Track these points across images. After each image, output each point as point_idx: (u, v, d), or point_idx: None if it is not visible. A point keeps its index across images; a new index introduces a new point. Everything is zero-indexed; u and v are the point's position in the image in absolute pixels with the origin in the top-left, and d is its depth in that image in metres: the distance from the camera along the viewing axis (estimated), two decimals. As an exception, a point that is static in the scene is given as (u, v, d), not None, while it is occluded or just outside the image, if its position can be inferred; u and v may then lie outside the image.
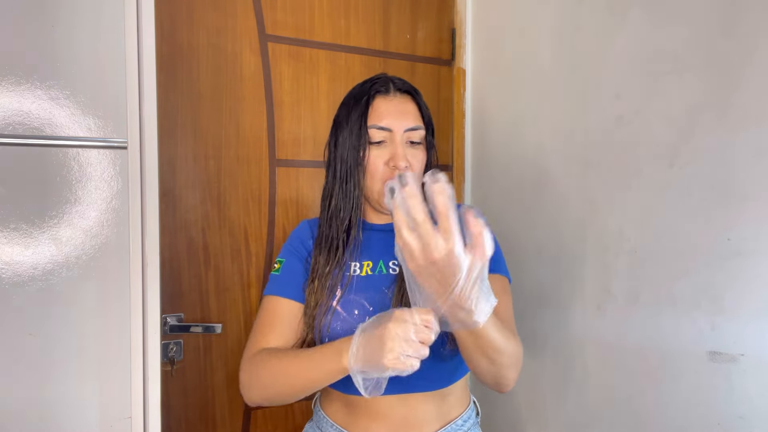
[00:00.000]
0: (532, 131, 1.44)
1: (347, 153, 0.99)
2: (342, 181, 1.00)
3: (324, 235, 1.03)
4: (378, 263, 1.02)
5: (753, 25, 0.96)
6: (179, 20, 1.36)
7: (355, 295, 0.98)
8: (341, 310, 0.97)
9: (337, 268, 1.00)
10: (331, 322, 0.96)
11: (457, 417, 1.02)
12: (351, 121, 0.99)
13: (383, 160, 0.98)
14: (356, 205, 1.01)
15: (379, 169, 0.98)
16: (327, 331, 0.96)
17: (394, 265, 1.02)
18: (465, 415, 1.03)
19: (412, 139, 0.99)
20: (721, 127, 1.01)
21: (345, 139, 1.00)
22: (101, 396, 1.02)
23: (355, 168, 0.99)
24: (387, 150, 0.98)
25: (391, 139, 0.98)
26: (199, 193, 1.39)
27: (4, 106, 0.96)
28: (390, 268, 1.02)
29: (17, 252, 0.97)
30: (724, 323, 1.02)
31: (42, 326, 0.98)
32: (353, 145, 0.99)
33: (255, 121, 1.45)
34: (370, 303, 0.97)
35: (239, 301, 1.44)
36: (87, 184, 1.01)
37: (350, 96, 1.03)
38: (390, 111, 0.99)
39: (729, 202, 1.00)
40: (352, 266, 1.02)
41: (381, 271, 1.02)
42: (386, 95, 1.01)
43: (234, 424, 1.45)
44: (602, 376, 1.25)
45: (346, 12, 1.56)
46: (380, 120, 0.98)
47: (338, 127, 1.02)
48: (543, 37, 1.40)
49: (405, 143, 0.99)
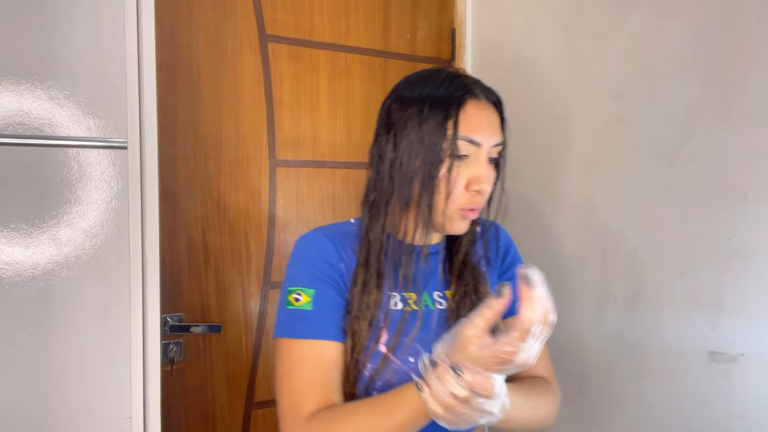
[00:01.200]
0: (532, 131, 1.44)
1: (419, 165, 0.79)
2: (405, 197, 0.82)
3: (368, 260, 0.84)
4: (423, 296, 0.87)
5: (753, 25, 0.96)
6: (179, 20, 1.36)
7: (404, 337, 0.83)
8: (394, 357, 0.81)
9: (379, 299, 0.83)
10: (382, 371, 0.81)
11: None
12: (429, 126, 0.78)
13: (465, 180, 0.80)
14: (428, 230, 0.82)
15: (458, 190, 0.80)
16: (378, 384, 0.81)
17: (440, 298, 0.88)
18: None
19: (493, 157, 0.82)
20: (721, 127, 1.01)
21: (415, 146, 0.79)
22: (101, 396, 1.02)
23: (430, 184, 0.80)
24: (470, 168, 0.80)
25: (476, 156, 0.80)
26: (199, 193, 1.39)
27: (4, 106, 0.96)
28: (436, 301, 0.88)
29: (17, 252, 0.97)
30: (724, 323, 1.01)
31: (42, 326, 0.98)
32: (429, 157, 0.79)
33: (255, 121, 1.45)
34: (426, 347, 0.81)
35: (239, 301, 1.44)
36: (87, 184, 1.01)
37: (425, 94, 0.81)
38: (482, 122, 0.80)
39: (729, 202, 1.00)
40: (391, 298, 0.84)
41: (428, 306, 0.87)
42: (478, 101, 0.81)
43: (234, 424, 1.45)
44: (602, 376, 1.25)
45: (346, 12, 1.56)
46: (472, 131, 0.79)
47: (401, 128, 0.81)
48: (543, 37, 1.40)
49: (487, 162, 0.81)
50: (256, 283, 1.46)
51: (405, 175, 0.80)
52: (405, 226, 0.85)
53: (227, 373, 1.43)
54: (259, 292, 1.47)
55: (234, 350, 1.44)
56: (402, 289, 0.85)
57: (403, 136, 0.80)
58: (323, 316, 0.81)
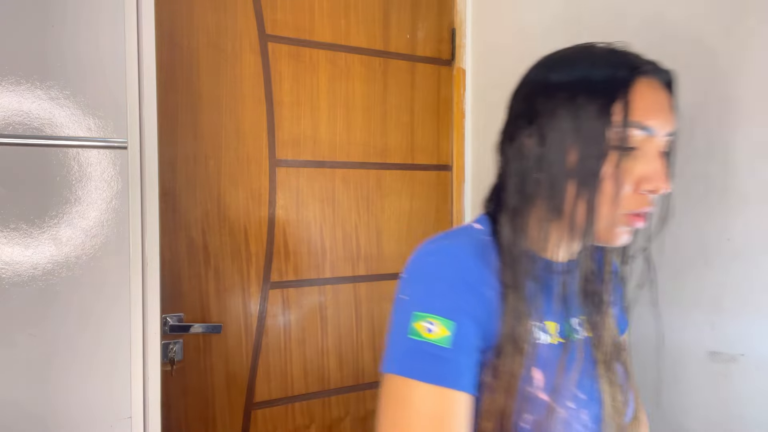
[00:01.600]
0: (532, 131, 1.44)
1: (576, 161, 0.64)
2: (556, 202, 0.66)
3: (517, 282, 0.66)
4: (565, 324, 0.71)
5: (753, 25, 0.96)
6: (179, 20, 1.36)
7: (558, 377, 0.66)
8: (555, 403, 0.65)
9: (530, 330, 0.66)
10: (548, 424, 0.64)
11: None
12: (588, 113, 0.63)
13: (635, 178, 0.65)
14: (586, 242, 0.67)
15: (625, 190, 0.65)
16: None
17: (578, 326, 0.74)
18: None
19: (665, 150, 0.68)
20: (721, 127, 1.01)
21: (569, 138, 0.64)
22: (101, 396, 1.02)
23: (591, 183, 0.64)
24: (640, 163, 0.65)
25: (645, 148, 0.65)
26: (199, 193, 1.39)
27: (4, 106, 0.96)
28: (576, 330, 0.73)
29: (17, 252, 0.97)
30: (724, 323, 1.01)
31: (42, 326, 0.98)
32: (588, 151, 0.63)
33: (255, 121, 1.45)
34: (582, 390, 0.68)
35: (239, 301, 1.44)
36: (87, 184, 1.01)
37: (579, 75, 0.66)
38: (657, 105, 0.65)
39: (729, 202, 1.00)
40: (536, 330, 0.68)
41: (571, 337, 0.72)
42: (651, 79, 0.66)
43: (234, 424, 1.45)
44: (602, 376, 1.25)
45: (346, 12, 1.56)
46: (646, 116, 0.64)
47: (549, 118, 0.66)
48: (543, 38, 1.40)
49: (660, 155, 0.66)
50: (256, 283, 1.46)
51: (556, 175, 0.64)
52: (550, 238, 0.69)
53: (227, 373, 1.43)
54: (259, 293, 1.47)
55: (234, 350, 1.44)
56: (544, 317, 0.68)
57: (552, 127, 0.64)
58: (464, 359, 0.62)
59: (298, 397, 1.53)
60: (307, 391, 1.54)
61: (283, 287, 1.49)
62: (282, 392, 1.50)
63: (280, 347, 1.50)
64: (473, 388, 0.62)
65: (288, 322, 1.50)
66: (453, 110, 1.71)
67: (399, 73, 1.63)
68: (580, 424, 0.61)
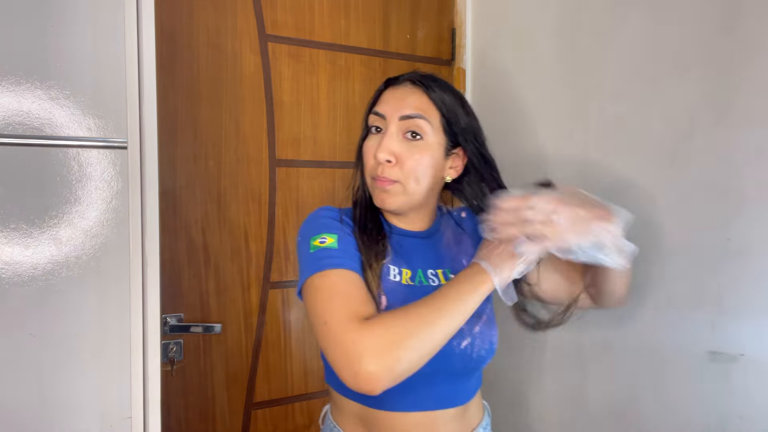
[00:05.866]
0: (532, 131, 1.44)
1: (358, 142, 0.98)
2: (358, 171, 0.99)
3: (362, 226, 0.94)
4: (417, 273, 0.95)
5: (753, 25, 0.96)
6: (179, 20, 1.36)
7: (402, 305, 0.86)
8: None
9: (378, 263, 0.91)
10: None
11: (477, 426, 1.00)
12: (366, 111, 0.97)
13: (373, 151, 0.92)
14: (362, 197, 0.98)
15: (369, 162, 0.93)
16: None
17: (434, 276, 0.96)
18: (483, 422, 1.02)
19: (410, 129, 0.90)
20: (721, 127, 1.01)
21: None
22: (101, 396, 1.02)
23: (359, 158, 0.97)
24: (377, 141, 0.92)
25: (386, 129, 0.91)
26: (199, 193, 1.39)
27: (4, 106, 0.96)
28: (430, 278, 0.95)
29: (17, 252, 0.97)
30: (724, 323, 1.02)
31: (42, 326, 0.98)
32: (362, 134, 0.97)
33: (255, 121, 1.45)
34: None
35: (239, 301, 1.44)
36: (87, 184, 1.01)
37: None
38: (390, 98, 0.93)
39: (729, 202, 1.00)
40: (392, 270, 0.93)
41: (422, 282, 0.94)
42: (395, 85, 0.95)
43: (234, 424, 1.45)
44: (602, 376, 1.25)
45: (346, 12, 1.56)
46: (379, 106, 0.93)
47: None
48: (543, 37, 1.40)
49: (400, 135, 0.90)
50: (256, 283, 1.46)
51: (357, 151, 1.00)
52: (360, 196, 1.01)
53: (227, 373, 1.43)
54: (259, 293, 1.47)
55: (234, 350, 1.44)
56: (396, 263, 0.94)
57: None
58: (351, 253, 0.87)
59: (298, 397, 1.53)
60: (307, 391, 1.54)
61: (283, 287, 1.49)
62: (282, 392, 1.50)
63: (280, 347, 1.50)
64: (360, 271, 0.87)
65: (288, 322, 1.50)
66: (453, 110, 1.71)
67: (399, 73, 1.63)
68: None
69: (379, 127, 0.93)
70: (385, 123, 0.91)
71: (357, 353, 0.73)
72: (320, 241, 0.88)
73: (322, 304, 0.81)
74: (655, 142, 1.12)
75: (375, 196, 0.94)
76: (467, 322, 0.88)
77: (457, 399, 0.95)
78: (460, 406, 0.96)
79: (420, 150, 0.90)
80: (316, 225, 0.91)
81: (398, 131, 0.91)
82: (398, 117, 0.90)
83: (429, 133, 0.90)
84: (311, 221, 0.93)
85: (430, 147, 0.91)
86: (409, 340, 0.74)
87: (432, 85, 0.92)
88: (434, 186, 0.95)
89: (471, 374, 0.97)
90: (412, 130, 0.90)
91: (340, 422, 0.98)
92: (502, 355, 1.55)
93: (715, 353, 1.03)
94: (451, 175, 0.96)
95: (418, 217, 0.98)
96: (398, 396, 0.89)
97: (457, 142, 0.94)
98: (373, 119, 0.94)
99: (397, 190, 0.91)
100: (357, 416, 0.95)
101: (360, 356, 0.72)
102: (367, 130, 0.95)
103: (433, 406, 0.93)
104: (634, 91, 1.17)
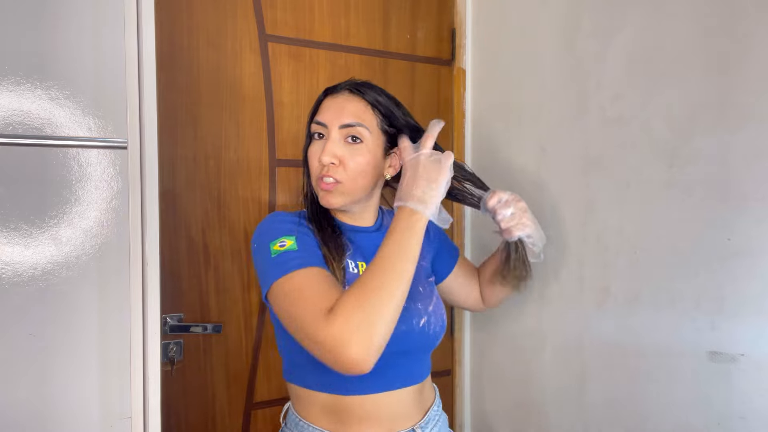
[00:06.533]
0: (532, 131, 1.44)
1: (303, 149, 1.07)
2: (305, 175, 1.07)
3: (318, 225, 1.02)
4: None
5: (753, 25, 0.96)
6: (179, 20, 1.36)
7: None
8: None
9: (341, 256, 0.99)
10: None
11: (431, 405, 1.09)
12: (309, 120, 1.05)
13: (318, 155, 0.99)
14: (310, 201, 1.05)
15: (314, 165, 1.01)
16: None
17: None
18: (437, 401, 1.12)
19: (352, 135, 0.99)
20: (721, 127, 1.01)
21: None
22: (101, 396, 1.02)
23: (305, 164, 1.05)
24: (320, 146, 1.00)
25: (327, 135, 0.99)
26: (199, 193, 1.39)
27: (4, 106, 0.96)
28: None
29: (17, 252, 0.97)
30: (724, 323, 1.02)
31: (42, 326, 0.98)
32: (306, 142, 1.05)
33: (255, 121, 1.45)
34: None
35: (239, 301, 1.44)
36: (87, 184, 1.01)
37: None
38: (330, 107, 1.00)
39: (729, 202, 1.00)
40: (350, 264, 1.01)
41: None
42: (334, 95, 1.03)
43: (234, 424, 1.45)
44: (602, 376, 1.25)
45: (346, 12, 1.56)
46: (320, 115, 1.01)
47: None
48: (543, 37, 1.40)
49: (341, 140, 0.99)
50: (256, 283, 1.46)
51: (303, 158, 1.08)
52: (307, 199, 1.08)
53: (227, 373, 1.43)
54: (259, 292, 1.47)
55: (234, 350, 1.44)
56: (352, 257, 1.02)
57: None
58: (311, 251, 0.93)
59: (298, 397, 1.52)
60: (307, 391, 1.54)
61: (283, 287, 1.49)
62: (282, 392, 1.50)
63: (280, 347, 1.50)
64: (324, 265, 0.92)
65: (288, 322, 1.50)
66: (453, 110, 1.71)
67: (399, 73, 1.63)
68: None
69: (321, 134, 1.01)
70: (327, 130, 0.99)
71: (335, 346, 0.78)
72: (280, 245, 0.92)
73: (292, 307, 0.86)
74: (655, 142, 1.12)
75: (320, 198, 1.01)
76: (422, 302, 1.03)
77: (416, 377, 1.04)
78: (418, 384, 1.05)
79: (360, 152, 0.99)
80: (272, 230, 0.97)
81: (340, 137, 0.99)
82: (338, 125, 0.98)
83: (367, 137, 0.99)
84: (266, 227, 0.99)
85: (369, 149, 1.00)
86: (373, 313, 0.80)
87: (368, 91, 1.01)
88: (375, 184, 1.05)
89: (427, 351, 1.07)
90: (352, 135, 0.99)
91: (305, 415, 1.02)
92: (503, 355, 1.55)
93: (715, 353, 1.03)
94: (390, 173, 1.05)
95: (365, 213, 1.08)
96: (366, 379, 0.93)
97: (395, 142, 1.03)
98: (315, 127, 1.02)
99: (340, 190, 0.99)
100: (325, 406, 1.00)
101: (338, 347, 0.78)
102: (310, 138, 1.03)
103: (397, 385, 1.01)
104: (634, 91, 1.17)
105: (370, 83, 1.04)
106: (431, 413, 1.08)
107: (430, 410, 1.08)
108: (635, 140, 1.16)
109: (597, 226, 1.25)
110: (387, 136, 1.02)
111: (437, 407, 1.11)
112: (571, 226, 1.32)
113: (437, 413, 1.10)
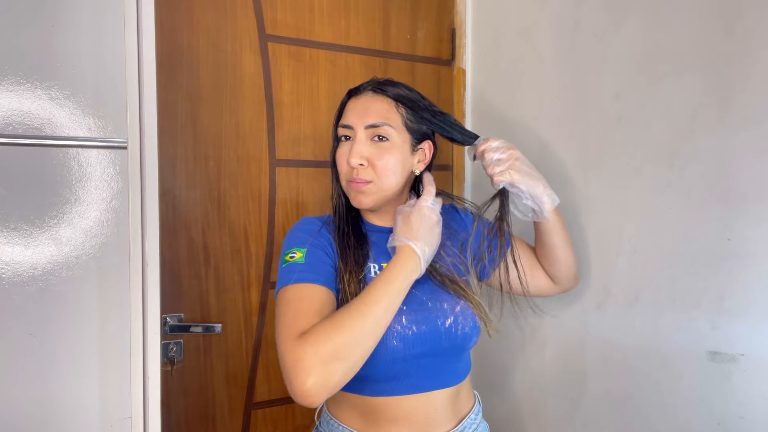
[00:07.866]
0: (532, 131, 1.44)
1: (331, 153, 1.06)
2: (333, 179, 1.07)
3: (341, 231, 1.03)
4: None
5: (753, 25, 0.96)
6: (179, 20, 1.36)
7: None
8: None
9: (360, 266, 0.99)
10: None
11: (469, 412, 1.05)
12: (334, 128, 1.05)
13: (346, 158, 1.00)
14: (339, 203, 1.06)
15: (343, 168, 1.01)
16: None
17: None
18: (475, 409, 1.08)
19: (379, 134, 0.99)
20: (721, 127, 1.01)
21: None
22: (101, 396, 1.02)
23: (333, 166, 1.05)
24: (348, 148, 1.01)
25: (354, 137, 1.00)
26: (199, 193, 1.39)
27: (4, 106, 0.96)
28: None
29: (17, 252, 0.97)
30: (724, 323, 1.02)
31: (42, 326, 0.98)
32: (333, 146, 1.05)
33: (255, 121, 1.45)
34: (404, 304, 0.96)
35: (239, 301, 1.44)
36: (87, 184, 1.01)
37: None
38: (354, 109, 1.01)
39: (729, 202, 1.00)
40: (372, 268, 1.01)
41: None
42: (357, 96, 1.03)
43: (234, 424, 1.45)
44: (602, 376, 1.25)
45: (346, 12, 1.56)
46: (345, 118, 1.01)
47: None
48: (543, 37, 1.40)
49: (368, 140, 0.99)
50: (256, 283, 1.46)
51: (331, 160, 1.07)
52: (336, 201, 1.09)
53: (227, 373, 1.43)
54: (259, 292, 1.47)
55: (234, 350, 1.44)
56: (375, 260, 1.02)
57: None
58: (317, 266, 0.94)
59: (298, 397, 1.52)
60: (307, 391, 1.54)
61: (283, 287, 1.49)
62: (282, 392, 1.50)
63: (280, 347, 1.49)
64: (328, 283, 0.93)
65: (288, 322, 1.50)
66: (453, 110, 1.71)
67: (399, 73, 1.63)
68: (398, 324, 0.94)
69: (348, 136, 1.01)
70: (353, 132, 1.00)
71: (295, 372, 0.78)
72: (290, 256, 0.96)
73: (278, 319, 0.88)
74: (655, 142, 1.12)
75: (352, 198, 1.01)
76: (448, 302, 1.00)
77: (448, 379, 1.01)
78: (452, 387, 1.01)
79: (388, 150, 0.99)
80: (291, 238, 1.00)
81: (366, 137, 0.99)
82: (364, 126, 0.99)
83: (394, 135, 0.99)
84: (289, 235, 1.02)
85: (397, 146, 0.99)
86: (340, 350, 0.79)
87: (390, 88, 1.02)
88: (405, 181, 1.03)
89: (460, 354, 1.02)
90: (378, 134, 0.99)
91: (337, 415, 1.02)
92: (503, 355, 1.55)
93: (715, 353, 1.03)
94: (419, 168, 1.05)
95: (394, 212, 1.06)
96: (394, 381, 0.95)
97: (422, 137, 1.04)
98: (342, 131, 1.02)
99: (371, 190, 0.99)
100: (354, 406, 1.00)
101: (297, 374, 0.77)
102: (337, 141, 1.04)
103: (427, 387, 0.98)
104: (634, 91, 1.17)
105: (392, 80, 1.05)
106: (467, 421, 1.04)
107: (467, 418, 1.04)
108: (635, 140, 1.16)
109: (597, 226, 1.25)
110: (413, 132, 1.02)
111: (475, 415, 1.07)
112: (571, 226, 1.32)
113: (474, 421, 1.06)
